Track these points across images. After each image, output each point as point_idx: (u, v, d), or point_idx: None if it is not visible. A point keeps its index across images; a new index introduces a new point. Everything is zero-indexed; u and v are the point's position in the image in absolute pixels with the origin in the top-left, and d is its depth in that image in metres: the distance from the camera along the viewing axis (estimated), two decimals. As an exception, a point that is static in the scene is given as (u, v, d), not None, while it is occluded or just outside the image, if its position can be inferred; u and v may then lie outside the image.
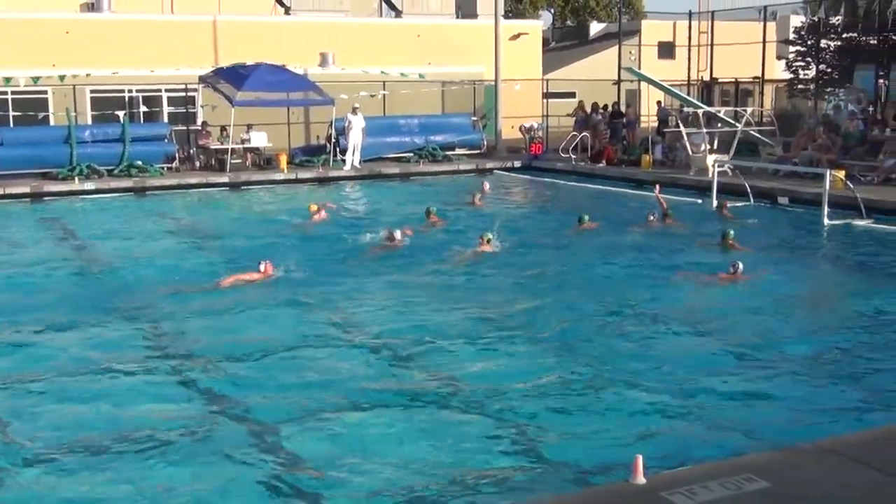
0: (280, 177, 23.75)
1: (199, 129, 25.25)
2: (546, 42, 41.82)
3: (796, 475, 5.31)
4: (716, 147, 22.69)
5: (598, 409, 7.72)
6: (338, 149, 25.14)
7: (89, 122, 25.52)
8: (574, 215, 16.46)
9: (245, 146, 24.64)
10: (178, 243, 16.05)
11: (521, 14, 51.27)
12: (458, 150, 27.56)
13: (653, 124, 28.70)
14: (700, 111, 23.95)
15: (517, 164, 26.60)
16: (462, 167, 26.23)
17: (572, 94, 32.76)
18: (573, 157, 25.76)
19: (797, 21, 35.28)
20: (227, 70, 24.97)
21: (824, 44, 31.31)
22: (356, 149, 24.83)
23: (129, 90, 27.06)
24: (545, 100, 30.56)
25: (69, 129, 22.75)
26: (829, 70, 31.31)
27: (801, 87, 33.30)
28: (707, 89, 32.00)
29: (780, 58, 35.04)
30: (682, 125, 24.02)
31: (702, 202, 18.99)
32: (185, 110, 26.33)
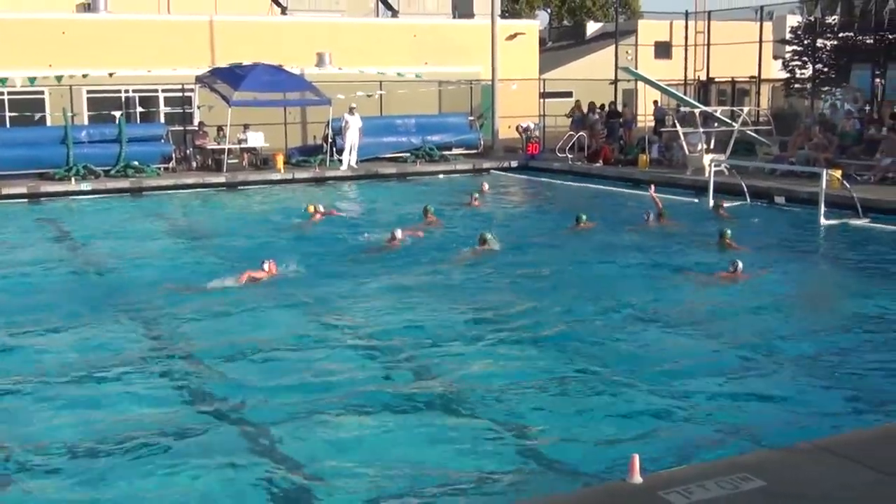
0: (277, 177, 23.74)
1: (196, 129, 25.26)
2: (543, 42, 41.81)
3: (793, 474, 5.31)
4: (712, 146, 22.71)
5: (595, 409, 7.72)
6: (334, 149, 25.12)
7: (86, 122, 25.53)
8: (571, 215, 16.46)
9: (242, 146, 24.64)
10: (175, 244, 16.04)
11: (518, 14, 51.27)
12: (455, 150, 27.57)
13: (649, 124, 28.69)
14: (697, 111, 23.95)
15: (514, 163, 26.61)
16: (459, 167, 26.24)
17: (569, 94, 32.73)
18: (570, 156, 25.77)
19: (794, 21, 35.39)
20: (223, 70, 24.95)
21: (821, 43, 31.37)
22: (353, 149, 24.81)
23: (126, 90, 27.02)
24: (542, 99, 30.51)
25: (66, 130, 22.74)
26: (826, 69, 31.35)
27: (797, 86, 33.33)
28: (704, 89, 32.06)
29: (776, 57, 35.05)
30: (678, 125, 24.02)
31: (698, 202, 19.00)
32: (181, 110, 26.28)
